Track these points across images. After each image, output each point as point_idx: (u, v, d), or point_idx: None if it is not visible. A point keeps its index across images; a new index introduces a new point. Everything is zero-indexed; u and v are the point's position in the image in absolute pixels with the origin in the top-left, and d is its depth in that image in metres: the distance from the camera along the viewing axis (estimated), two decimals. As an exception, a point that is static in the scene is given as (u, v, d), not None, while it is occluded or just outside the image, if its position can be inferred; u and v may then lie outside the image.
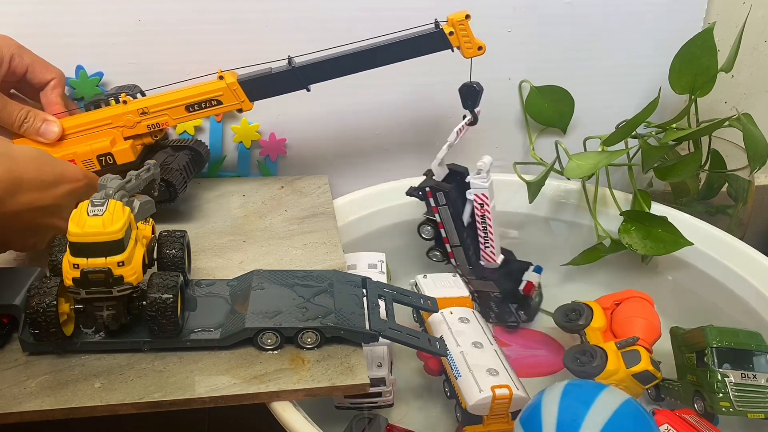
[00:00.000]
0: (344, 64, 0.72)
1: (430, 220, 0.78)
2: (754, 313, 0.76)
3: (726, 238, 0.82)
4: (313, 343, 0.59)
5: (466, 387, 0.63)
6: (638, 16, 0.92)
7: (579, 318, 0.72)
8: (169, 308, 0.56)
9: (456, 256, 0.79)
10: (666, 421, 0.61)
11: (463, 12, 0.71)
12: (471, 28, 0.72)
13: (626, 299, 0.73)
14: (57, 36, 0.80)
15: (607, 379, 0.65)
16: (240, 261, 0.71)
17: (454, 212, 0.77)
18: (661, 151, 0.85)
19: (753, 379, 0.63)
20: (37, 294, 0.54)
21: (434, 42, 0.72)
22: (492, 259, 0.79)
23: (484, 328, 0.71)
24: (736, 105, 1.04)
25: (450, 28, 0.71)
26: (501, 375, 0.64)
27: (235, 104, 0.73)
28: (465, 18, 0.71)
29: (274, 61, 0.73)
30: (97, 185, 0.58)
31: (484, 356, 0.66)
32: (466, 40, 0.72)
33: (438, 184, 0.76)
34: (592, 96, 0.95)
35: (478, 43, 0.72)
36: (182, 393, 0.55)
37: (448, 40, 0.72)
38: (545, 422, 0.54)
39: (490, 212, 0.77)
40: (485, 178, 0.76)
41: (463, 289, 0.77)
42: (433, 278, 0.78)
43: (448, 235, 0.78)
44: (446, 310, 0.73)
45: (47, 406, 0.53)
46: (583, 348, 0.69)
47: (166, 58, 0.83)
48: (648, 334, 0.69)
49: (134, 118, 0.73)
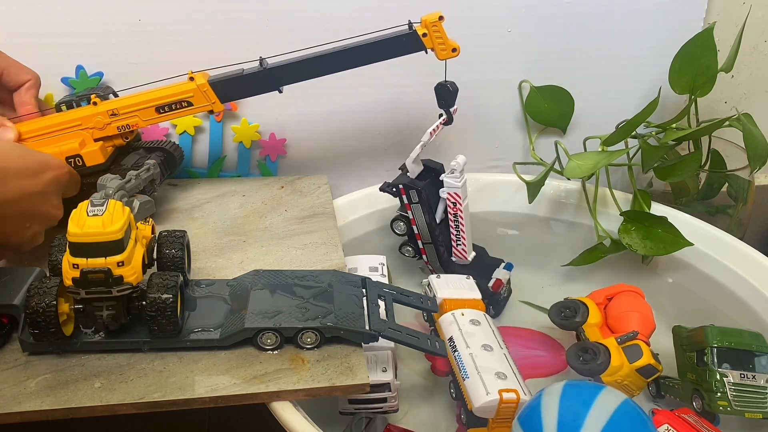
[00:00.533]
0: (316, 65, 0.72)
1: (403, 217, 0.79)
2: (753, 314, 0.76)
3: (726, 238, 0.82)
4: (312, 343, 0.59)
5: (473, 389, 0.62)
6: (638, 16, 0.92)
7: (575, 315, 0.72)
8: (168, 308, 0.56)
9: (428, 252, 0.80)
10: (666, 421, 0.62)
11: (437, 13, 0.70)
12: (445, 30, 0.71)
13: (618, 293, 0.73)
14: (57, 36, 0.81)
15: (612, 375, 0.65)
16: (240, 261, 0.71)
17: (427, 209, 0.77)
18: (661, 151, 0.85)
19: (752, 379, 0.64)
20: (36, 294, 0.54)
21: (408, 43, 0.71)
22: (463, 256, 0.80)
23: (494, 331, 0.70)
24: (736, 105, 1.04)
25: (423, 29, 0.71)
26: (509, 379, 0.63)
27: (206, 105, 0.73)
28: (438, 19, 0.70)
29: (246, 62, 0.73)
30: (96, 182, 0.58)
31: (494, 359, 0.65)
32: (440, 42, 0.71)
33: (411, 182, 0.77)
34: (592, 96, 0.95)
35: (452, 44, 0.72)
36: (182, 393, 0.55)
37: (422, 42, 0.71)
38: (546, 423, 0.54)
39: (463, 211, 0.77)
40: (458, 178, 0.76)
41: (476, 292, 0.75)
42: (446, 278, 0.77)
43: (419, 232, 0.79)
44: (458, 312, 0.71)
45: (47, 406, 0.53)
46: (585, 345, 0.68)
47: (166, 58, 0.83)
48: (644, 327, 0.69)
49: (104, 119, 0.72)
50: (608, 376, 0.65)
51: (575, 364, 0.67)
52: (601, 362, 0.65)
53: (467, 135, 0.96)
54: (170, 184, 0.86)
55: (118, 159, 0.76)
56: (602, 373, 0.65)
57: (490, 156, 0.98)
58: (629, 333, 0.68)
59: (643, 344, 0.67)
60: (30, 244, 0.64)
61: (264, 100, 0.77)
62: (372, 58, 0.72)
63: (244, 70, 0.73)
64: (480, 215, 0.92)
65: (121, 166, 0.74)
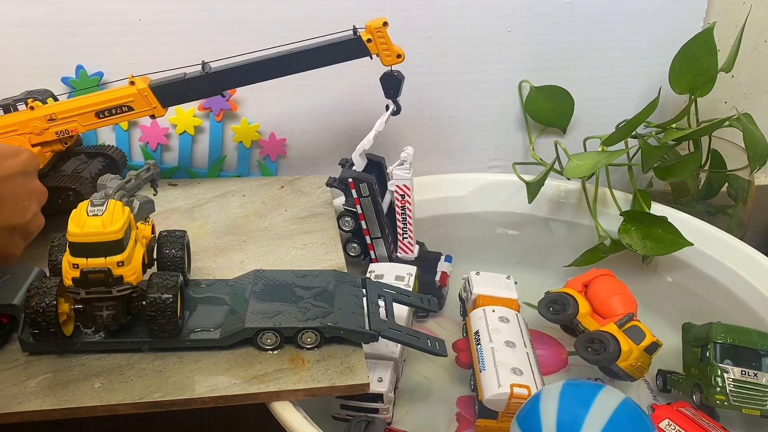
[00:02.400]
0: (259, 70, 0.72)
1: (350, 212, 0.78)
2: (753, 314, 0.76)
3: (726, 238, 0.82)
4: (312, 343, 0.59)
5: (487, 380, 0.63)
6: (638, 16, 0.92)
7: (565, 308, 0.72)
8: (168, 308, 0.56)
9: (376, 248, 0.79)
10: (666, 416, 0.63)
11: (381, 19, 0.70)
12: (389, 36, 0.71)
13: (593, 279, 0.75)
14: (57, 36, 0.81)
15: (627, 360, 0.66)
16: (240, 261, 0.71)
17: (377, 201, 0.76)
18: (661, 151, 0.85)
19: (753, 377, 0.65)
20: (36, 294, 0.54)
21: (352, 49, 0.71)
22: (410, 250, 0.79)
23: (522, 331, 0.71)
24: (736, 105, 1.04)
25: (368, 35, 0.71)
26: (525, 375, 0.64)
27: (147, 110, 0.72)
28: (383, 25, 0.70)
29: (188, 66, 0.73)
30: (97, 185, 0.58)
31: (514, 356, 0.66)
32: (385, 48, 0.72)
33: (360, 175, 0.75)
34: (592, 96, 0.95)
35: (396, 50, 0.72)
36: (182, 393, 0.55)
37: (366, 48, 0.71)
38: (544, 423, 0.53)
39: (411, 204, 0.77)
40: (408, 169, 0.76)
41: (513, 292, 0.76)
42: (485, 276, 0.77)
43: (369, 227, 0.77)
44: (489, 308, 0.72)
45: (47, 406, 0.53)
46: (590, 336, 0.69)
47: (166, 58, 0.83)
48: (632, 307, 0.71)
49: (41, 124, 0.71)
50: (623, 362, 0.66)
51: (588, 356, 0.68)
52: (613, 350, 0.66)
53: (467, 135, 0.96)
54: (170, 184, 0.86)
55: (57, 165, 0.74)
56: (617, 360, 0.66)
57: (490, 156, 0.98)
58: (626, 316, 0.70)
59: (641, 324, 0.69)
60: (35, 225, 0.63)
61: (264, 101, 0.77)
62: (317, 62, 0.72)
63: (186, 74, 0.73)
64: (480, 215, 0.93)
65: (61, 172, 0.73)
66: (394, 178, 0.76)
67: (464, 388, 0.72)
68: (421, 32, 0.87)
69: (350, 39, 0.71)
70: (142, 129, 0.86)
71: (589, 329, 0.70)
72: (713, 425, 0.63)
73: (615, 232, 0.85)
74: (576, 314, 0.71)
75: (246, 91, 0.86)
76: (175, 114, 0.86)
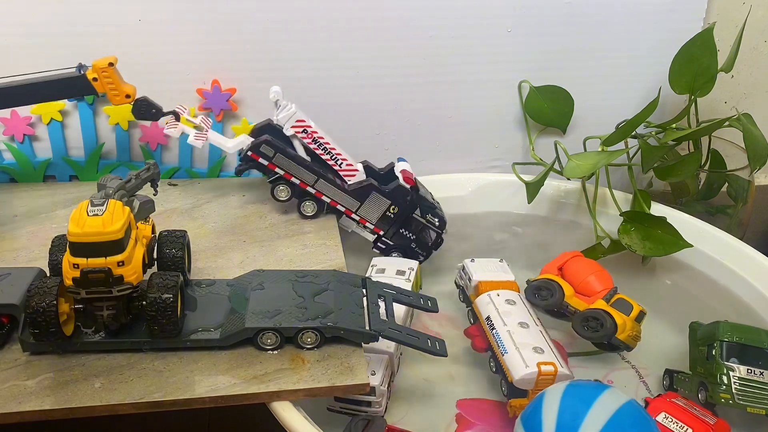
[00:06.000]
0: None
1: (277, 180, 0.76)
2: (753, 314, 0.76)
3: (726, 238, 0.82)
4: (313, 343, 0.59)
5: (513, 363, 0.66)
6: (638, 16, 0.92)
7: (552, 294, 0.74)
8: (169, 308, 0.56)
9: (324, 191, 0.77)
10: (663, 409, 0.64)
11: (107, 59, 0.71)
12: (118, 75, 0.72)
13: (565, 263, 0.77)
14: (57, 35, 0.81)
15: (624, 332, 0.69)
16: (240, 261, 0.71)
17: (289, 152, 0.74)
18: (660, 151, 0.85)
19: (759, 375, 0.65)
20: (37, 294, 0.54)
21: (79, 86, 0.71)
22: (353, 171, 0.77)
23: (530, 310, 0.73)
24: (736, 105, 1.04)
25: (94, 74, 0.71)
26: (546, 353, 0.67)
27: None
28: (108, 65, 0.71)
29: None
30: (97, 185, 0.58)
31: (530, 335, 0.69)
32: (112, 87, 0.72)
33: (253, 142, 0.75)
34: (592, 96, 0.95)
35: (125, 90, 0.72)
36: (182, 393, 0.55)
37: (92, 86, 0.72)
38: (545, 422, 0.54)
39: (317, 131, 0.75)
40: (288, 106, 0.75)
41: (510, 274, 0.79)
42: (480, 262, 0.80)
43: (301, 178, 0.76)
44: (493, 292, 0.75)
45: (47, 406, 0.53)
46: (584, 315, 0.71)
47: (166, 57, 0.83)
48: (609, 282, 0.74)
49: None
50: (621, 334, 0.69)
51: (588, 335, 0.71)
52: (609, 325, 0.69)
53: (467, 135, 0.96)
54: (170, 184, 0.86)
55: None
56: (616, 333, 0.69)
57: (490, 156, 0.98)
58: (610, 291, 0.73)
59: (625, 296, 0.72)
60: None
61: (264, 100, 0.77)
62: (42, 97, 0.72)
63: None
64: (480, 215, 0.93)
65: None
66: (286, 122, 0.74)
67: (464, 388, 0.72)
68: (421, 32, 0.87)
69: (75, 77, 0.71)
70: (142, 129, 0.86)
71: (579, 309, 0.72)
72: (705, 413, 0.64)
73: (615, 232, 0.85)
74: (563, 297, 0.73)
75: (246, 91, 0.86)
76: (175, 114, 0.86)
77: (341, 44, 0.86)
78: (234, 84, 0.85)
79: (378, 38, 0.87)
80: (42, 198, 0.81)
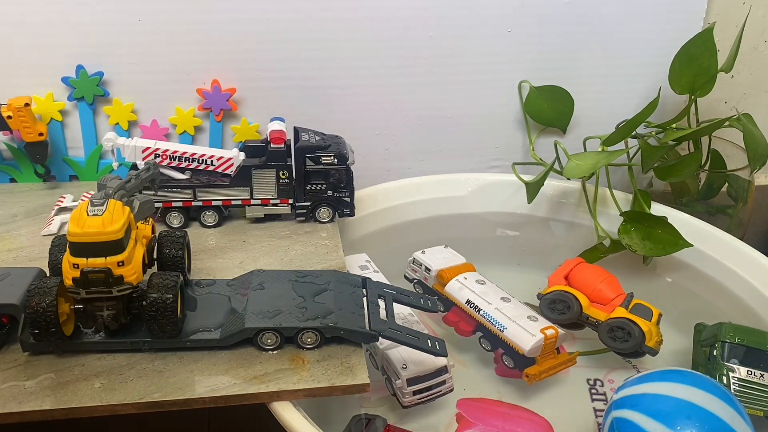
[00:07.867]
0: None
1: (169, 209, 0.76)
2: (753, 314, 0.76)
3: (726, 238, 0.82)
4: (313, 343, 0.59)
5: (518, 336, 0.68)
6: (638, 16, 0.92)
7: (570, 307, 0.74)
8: (169, 308, 0.56)
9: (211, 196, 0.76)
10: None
11: (23, 99, 0.76)
12: (33, 114, 0.77)
13: (570, 271, 0.78)
14: (58, 36, 0.81)
15: (652, 338, 0.70)
16: (240, 261, 0.71)
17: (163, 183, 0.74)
18: (661, 151, 0.85)
19: (760, 377, 0.65)
20: (37, 294, 0.54)
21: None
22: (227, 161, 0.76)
23: (498, 285, 0.75)
24: (736, 105, 1.04)
25: (9, 112, 0.76)
26: (540, 319, 0.69)
27: None
28: (24, 106, 0.76)
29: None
30: (97, 185, 0.58)
31: (517, 308, 0.71)
32: (26, 125, 0.77)
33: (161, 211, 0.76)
34: (592, 96, 0.95)
35: (38, 129, 0.78)
36: (182, 393, 0.55)
37: (6, 123, 0.76)
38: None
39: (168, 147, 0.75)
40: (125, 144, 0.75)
41: (461, 257, 0.80)
42: (430, 252, 0.80)
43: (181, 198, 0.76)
44: (460, 276, 0.76)
45: (47, 406, 0.53)
46: (609, 326, 0.71)
47: (166, 58, 0.84)
48: (618, 287, 0.75)
49: None
50: (650, 341, 0.70)
51: (618, 346, 0.71)
52: (638, 333, 0.70)
53: (467, 135, 0.96)
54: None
55: None
56: (646, 341, 0.69)
57: (490, 156, 0.98)
58: (627, 297, 0.73)
59: (642, 301, 0.72)
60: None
61: (264, 101, 0.77)
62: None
63: None
64: (480, 215, 0.93)
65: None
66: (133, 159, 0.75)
67: (464, 388, 0.72)
68: (421, 32, 0.87)
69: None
70: (142, 129, 0.86)
71: (600, 319, 0.73)
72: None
73: (615, 232, 0.85)
74: (581, 309, 0.73)
75: (246, 91, 0.86)
76: (175, 114, 0.86)
77: (341, 44, 0.86)
78: (234, 84, 0.86)
79: (378, 38, 0.87)
80: (42, 198, 0.81)
